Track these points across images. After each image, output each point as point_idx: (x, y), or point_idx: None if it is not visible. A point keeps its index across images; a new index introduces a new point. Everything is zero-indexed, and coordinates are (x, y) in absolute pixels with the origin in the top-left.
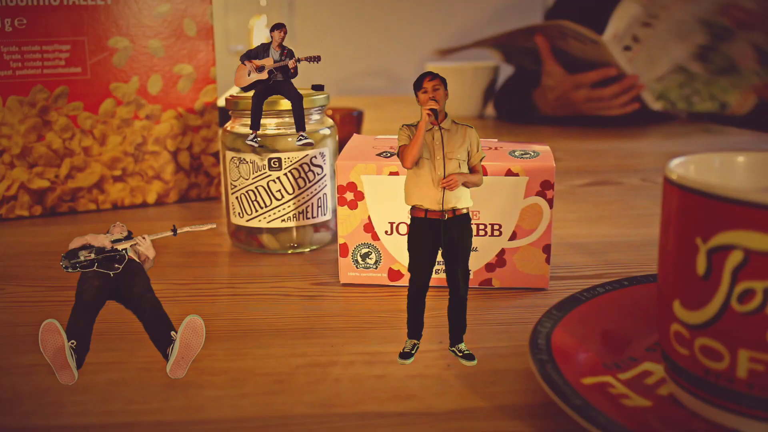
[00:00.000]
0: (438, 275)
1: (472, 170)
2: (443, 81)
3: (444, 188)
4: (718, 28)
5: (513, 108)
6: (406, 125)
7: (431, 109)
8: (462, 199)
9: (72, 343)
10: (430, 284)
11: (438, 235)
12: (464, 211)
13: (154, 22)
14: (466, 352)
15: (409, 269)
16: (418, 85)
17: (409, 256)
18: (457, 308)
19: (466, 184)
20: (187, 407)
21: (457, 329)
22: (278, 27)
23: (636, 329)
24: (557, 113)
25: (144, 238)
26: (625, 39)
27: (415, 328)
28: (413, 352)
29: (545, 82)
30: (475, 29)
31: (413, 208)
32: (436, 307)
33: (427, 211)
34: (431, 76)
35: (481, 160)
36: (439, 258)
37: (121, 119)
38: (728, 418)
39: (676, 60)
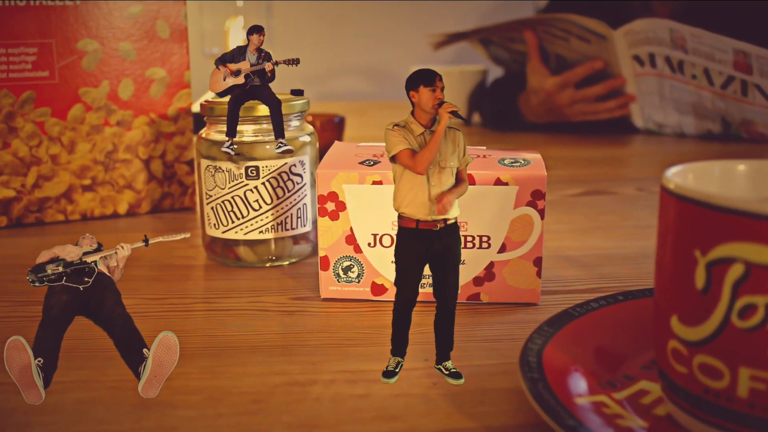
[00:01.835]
0: (423, 289)
1: (457, 176)
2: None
3: (432, 199)
4: (734, 136)
5: (497, 114)
6: (396, 125)
7: (452, 112)
8: (453, 209)
9: (39, 361)
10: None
11: (429, 246)
12: (453, 220)
13: (126, 24)
14: (452, 370)
15: (396, 283)
16: (429, 81)
17: (397, 268)
18: (444, 323)
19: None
20: (160, 428)
21: (444, 346)
22: (256, 30)
23: (631, 346)
24: (542, 119)
25: (122, 246)
26: (641, 51)
27: (399, 346)
28: (397, 370)
29: (529, 83)
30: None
31: (402, 218)
32: (421, 323)
33: (418, 221)
34: (440, 76)
35: (466, 166)
36: (426, 271)
37: (91, 126)
38: None
39: (678, 124)
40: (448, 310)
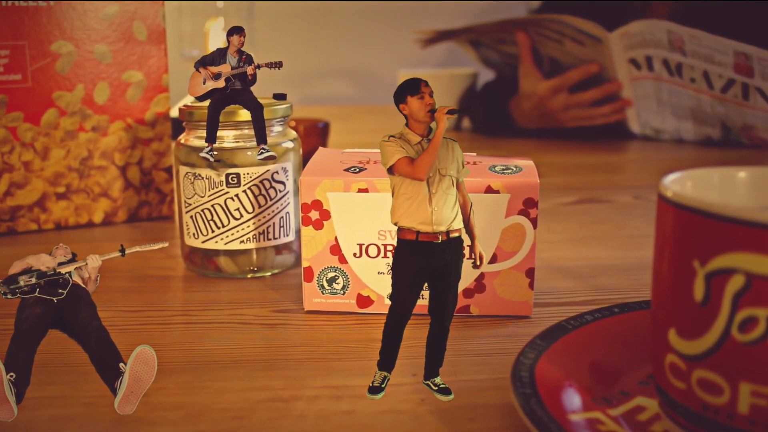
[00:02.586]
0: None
1: (457, 189)
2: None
3: (433, 208)
4: (734, 142)
5: (488, 119)
6: (392, 136)
7: (450, 110)
8: (456, 220)
9: (11, 376)
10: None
11: (429, 260)
12: (457, 233)
13: (101, 25)
14: (441, 385)
15: (392, 297)
16: (414, 90)
17: (393, 282)
18: (438, 339)
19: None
20: None
21: (434, 362)
22: (236, 31)
23: (628, 360)
24: (535, 125)
25: (93, 258)
26: (638, 54)
27: (388, 360)
28: (383, 385)
29: (522, 87)
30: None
31: (401, 231)
32: (410, 336)
33: (418, 233)
34: (425, 82)
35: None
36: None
37: (65, 131)
38: None
39: (676, 130)
40: (444, 327)
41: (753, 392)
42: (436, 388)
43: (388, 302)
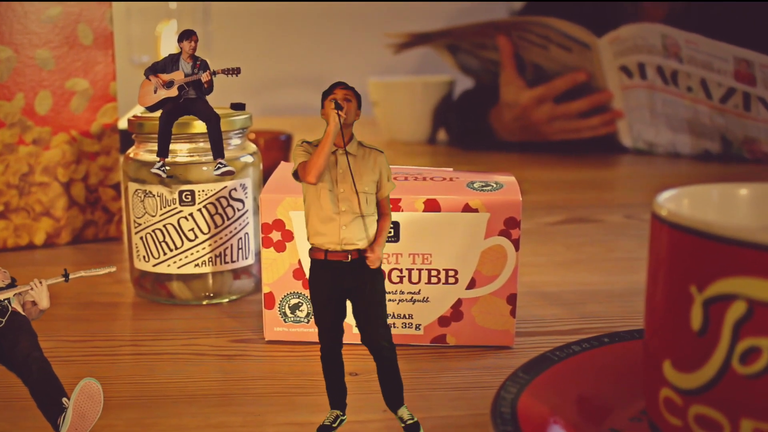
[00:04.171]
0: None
1: (379, 205)
2: (357, 97)
3: (341, 225)
4: (735, 155)
5: (466, 131)
6: (305, 141)
7: (336, 104)
8: (368, 238)
9: None
10: None
11: (340, 281)
12: None
13: (43, 29)
14: (409, 421)
15: (316, 322)
16: (327, 93)
17: (312, 306)
18: (385, 372)
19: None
20: None
21: (392, 393)
22: (186, 36)
23: (618, 395)
24: (517, 138)
25: (40, 282)
26: (630, 61)
27: (335, 397)
28: (335, 425)
29: (503, 97)
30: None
31: (312, 249)
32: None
33: (327, 252)
34: (344, 85)
35: (388, 195)
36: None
37: (3, 144)
38: None
39: (671, 143)
40: (384, 357)
41: (756, 430)
42: (404, 423)
43: (356, 331)
